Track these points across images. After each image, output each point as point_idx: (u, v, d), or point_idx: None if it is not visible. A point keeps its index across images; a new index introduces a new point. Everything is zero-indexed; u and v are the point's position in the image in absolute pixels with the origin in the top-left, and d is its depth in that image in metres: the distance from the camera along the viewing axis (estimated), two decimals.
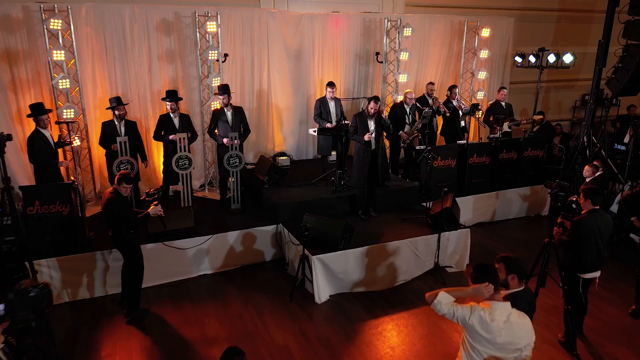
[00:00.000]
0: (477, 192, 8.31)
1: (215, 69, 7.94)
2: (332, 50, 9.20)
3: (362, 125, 6.78)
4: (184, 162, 6.95)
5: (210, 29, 7.39)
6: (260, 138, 9.14)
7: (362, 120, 6.79)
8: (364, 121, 6.77)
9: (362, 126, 6.77)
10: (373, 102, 6.69)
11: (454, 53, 10.19)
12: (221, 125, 7.26)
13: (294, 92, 9.18)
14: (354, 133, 6.85)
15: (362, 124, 6.78)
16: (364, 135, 6.66)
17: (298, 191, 7.48)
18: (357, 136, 6.79)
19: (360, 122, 6.79)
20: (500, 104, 9.43)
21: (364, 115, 6.80)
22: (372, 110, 6.69)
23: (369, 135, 6.65)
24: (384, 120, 6.76)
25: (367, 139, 6.66)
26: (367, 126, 6.76)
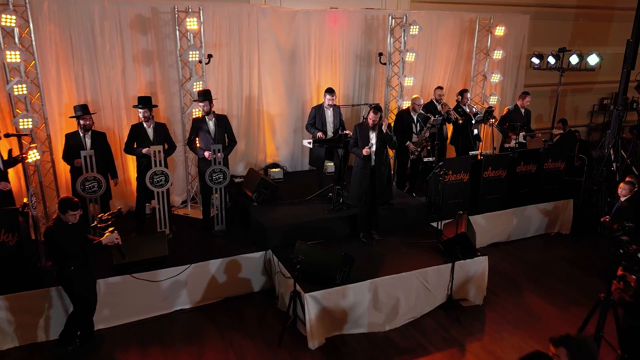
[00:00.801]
0: (492, 209, 7.51)
1: (197, 71, 7.12)
2: (330, 50, 8.39)
3: (362, 137, 5.97)
4: (160, 179, 6.14)
5: (191, 27, 6.57)
6: (250, 148, 8.33)
7: (362, 131, 5.98)
8: (364, 133, 5.96)
9: (362, 138, 5.97)
10: (372, 113, 5.88)
11: (464, 54, 9.38)
12: (202, 136, 6.44)
13: (288, 97, 8.37)
14: (354, 146, 6.05)
15: (362, 135, 5.97)
16: (363, 150, 5.86)
17: (291, 210, 6.66)
18: (357, 149, 5.98)
19: (360, 134, 5.99)
20: (520, 110, 8.61)
21: (365, 126, 5.99)
22: (371, 121, 5.87)
23: (367, 149, 5.84)
24: (385, 135, 5.93)
25: (365, 153, 5.86)
26: (368, 138, 5.95)
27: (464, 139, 8.34)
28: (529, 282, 6.54)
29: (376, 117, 5.87)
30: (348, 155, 6.66)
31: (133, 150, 6.21)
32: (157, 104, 6.68)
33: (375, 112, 5.91)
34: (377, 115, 5.89)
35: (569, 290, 6.33)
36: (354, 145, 6.06)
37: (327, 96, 7.04)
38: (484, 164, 7.32)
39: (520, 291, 6.27)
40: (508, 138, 8.54)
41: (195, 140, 6.54)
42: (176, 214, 7.36)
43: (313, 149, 6.96)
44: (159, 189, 6.17)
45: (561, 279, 6.68)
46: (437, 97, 8.17)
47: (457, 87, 9.48)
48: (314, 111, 7.15)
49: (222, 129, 6.51)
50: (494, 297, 6.09)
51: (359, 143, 6.00)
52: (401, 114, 7.81)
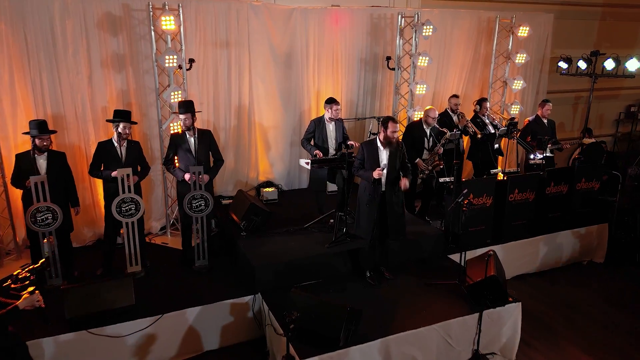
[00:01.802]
0: (518, 236, 6.61)
1: (177, 79, 6.21)
2: (331, 53, 7.49)
3: (370, 157, 5.06)
4: (129, 207, 5.22)
5: (167, 27, 5.65)
6: (240, 165, 7.41)
7: (371, 150, 5.07)
8: (373, 152, 5.05)
9: (370, 159, 5.05)
10: (392, 123, 5.01)
11: (482, 57, 8.48)
12: (182, 155, 5.53)
13: (283, 107, 7.46)
14: (360, 168, 5.14)
15: (370, 156, 5.06)
16: (373, 172, 4.94)
17: (285, 242, 5.74)
18: (364, 172, 5.07)
19: (368, 154, 5.07)
20: (542, 120, 7.70)
21: (375, 145, 5.07)
22: (390, 133, 4.98)
23: (379, 171, 4.93)
24: (402, 152, 5.04)
25: (377, 176, 4.95)
26: (377, 159, 5.04)
27: (483, 154, 7.43)
28: (566, 327, 5.63)
29: (395, 129, 4.99)
30: (352, 177, 5.75)
31: (100, 172, 5.29)
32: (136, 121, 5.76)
33: (395, 122, 5.05)
34: (396, 125, 5.01)
35: (613, 340, 5.42)
36: (360, 167, 5.15)
37: (328, 107, 6.11)
38: (510, 186, 6.41)
39: (557, 341, 5.35)
40: (533, 153, 7.62)
41: (174, 160, 5.62)
42: (153, 243, 6.44)
43: (312, 170, 6.04)
44: (128, 220, 5.25)
45: (601, 322, 5.80)
46: (452, 107, 7.26)
47: (473, 94, 8.58)
48: (312, 125, 6.24)
49: (206, 146, 5.60)
50: (528, 350, 5.17)
51: (366, 165, 5.09)
52: (412, 127, 6.89)
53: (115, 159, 5.23)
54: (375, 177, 4.96)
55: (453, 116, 7.27)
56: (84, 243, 6.28)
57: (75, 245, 6.09)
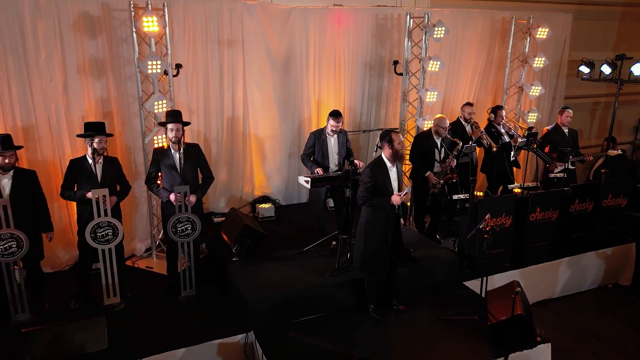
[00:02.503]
0: (540, 259, 6.07)
1: (164, 86, 5.65)
2: (332, 57, 6.93)
3: (381, 180, 4.46)
4: (105, 233, 4.66)
5: (150, 28, 5.09)
6: (233, 178, 6.85)
7: (380, 172, 4.47)
8: (383, 174, 4.46)
9: (381, 182, 4.46)
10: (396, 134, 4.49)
11: (495, 61, 7.92)
12: (166, 172, 4.97)
13: (281, 115, 6.90)
14: (368, 194, 4.46)
15: (381, 178, 4.45)
16: (392, 197, 4.36)
17: (282, 269, 5.18)
18: (378, 199, 4.44)
19: (378, 177, 4.45)
20: (562, 129, 7.14)
21: (383, 165, 4.49)
22: (400, 145, 4.44)
23: (400, 197, 4.36)
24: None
25: (399, 201, 4.37)
26: (388, 180, 4.46)
27: (498, 166, 6.87)
28: None
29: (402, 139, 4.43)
30: None
31: (73, 193, 4.72)
32: (112, 133, 5.21)
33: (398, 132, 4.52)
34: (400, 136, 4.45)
35: None
36: (368, 194, 4.47)
37: (330, 121, 5.55)
38: (531, 204, 5.84)
39: None
40: (552, 165, 7.07)
41: (157, 178, 5.06)
42: (136, 267, 5.88)
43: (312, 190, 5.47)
44: (105, 246, 4.69)
45: (632, 354, 5.25)
46: (466, 116, 6.69)
47: (486, 101, 8.02)
48: (312, 138, 5.68)
49: (193, 162, 5.04)
50: None
51: (379, 189, 4.47)
52: (421, 138, 6.32)
53: (90, 178, 4.66)
54: (396, 203, 4.38)
55: (466, 126, 6.71)
56: (59, 267, 5.71)
57: (49, 270, 5.58)
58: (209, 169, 5.21)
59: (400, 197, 4.38)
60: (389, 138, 4.43)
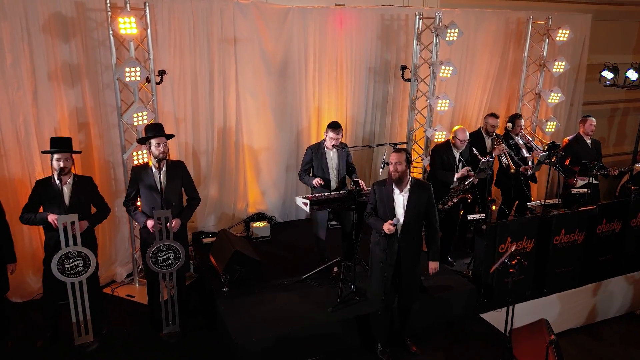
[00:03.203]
0: (564, 286, 5.56)
1: (146, 95, 5.11)
2: (334, 61, 6.39)
3: (383, 203, 3.95)
4: (75, 264, 4.11)
5: (127, 31, 4.53)
6: (225, 195, 6.30)
7: (383, 194, 3.95)
8: (386, 196, 3.93)
9: (383, 205, 3.95)
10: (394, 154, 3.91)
11: (510, 65, 7.38)
12: (145, 194, 4.42)
13: (278, 125, 6.36)
14: (372, 214, 4.04)
15: (383, 200, 3.94)
16: (384, 224, 3.84)
17: (278, 302, 4.64)
18: (374, 221, 4.02)
19: (380, 198, 3.95)
20: (584, 140, 6.59)
21: (388, 186, 3.95)
22: (398, 167, 3.87)
23: (390, 226, 3.82)
24: (428, 193, 3.95)
25: (388, 231, 3.84)
26: (391, 205, 3.92)
27: (514, 181, 6.30)
28: None
29: (402, 160, 3.87)
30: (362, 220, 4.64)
31: (33, 216, 4.17)
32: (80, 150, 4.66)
33: (395, 152, 3.94)
34: (401, 156, 3.89)
35: None
36: (372, 214, 4.03)
37: (329, 133, 5.00)
38: (556, 226, 5.29)
39: None
40: (572, 179, 6.53)
41: (136, 200, 4.51)
42: (116, 295, 5.32)
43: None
44: (74, 279, 4.14)
45: None
46: (489, 129, 6.12)
47: (500, 108, 7.47)
48: (310, 153, 5.13)
49: (177, 182, 4.49)
50: None
51: (379, 211, 3.97)
52: (439, 150, 5.75)
53: (57, 201, 4.11)
54: (387, 231, 3.85)
55: (487, 139, 6.15)
56: (30, 297, 5.15)
57: (18, 300, 5.05)
58: (195, 189, 4.66)
59: (388, 226, 3.84)
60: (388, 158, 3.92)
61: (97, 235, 5.38)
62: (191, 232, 6.20)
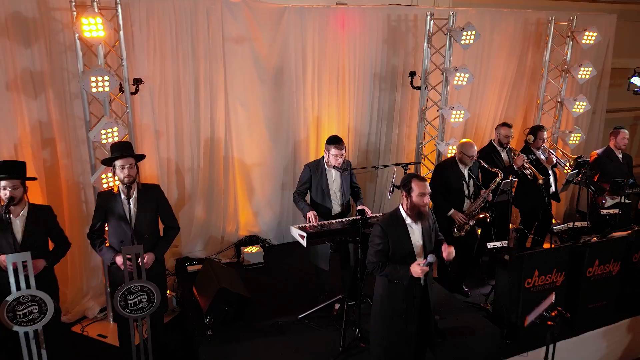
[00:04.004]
0: (597, 323, 4.90)
1: (120, 107, 4.49)
2: (335, 67, 5.79)
3: (398, 242, 3.29)
4: (29, 310, 3.48)
5: (93, 34, 3.91)
6: (213, 216, 5.69)
7: (396, 231, 3.29)
8: (400, 233, 3.29)
9: (398, 245, 3.29)
10: (417, 182, 3.26)
11: (528, 70, 6.77)
12: (114, 224, 3.80)
13: (272, 138, 5.76)
14: (383, 263, 3.30)
15: (397, 239, 3.29)
16: (411, 267, 3.18)
17: (269, 351, 4.01)
18: (393, 270, 3.27)
19: (394, 237, 3.28)
20: (615, 155, 5.96)
21: (400, 220, 3.30)
22: (421, 199, 3.22)
23: (423, 267, 3.16)
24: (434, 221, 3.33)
25: (421, 273, 3.18)
26: (408, 243, 3.28)
27: (535, 200, 5.67)
28: None
29: (425, 190, 3.24)
30: None
31: None
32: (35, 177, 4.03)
33: (421, 180, 3.28)
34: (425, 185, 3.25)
35: None
36: (385, 263, 3.29)
37: (331, 149, 4.36)
38: (589, 257, 4.66)
39: None
40: (601, 197, 5.89)
41: (103, 231, 3.89)
42: (85, 335, 4.70)
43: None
44: (28, 328, 3.51)
45: None
46: (501, 139, 5.51)
47: (515, 118, 6.88)
48: (307, 172, 4.49)
49: (151, 210, 3.87)
50: None
51: (396, 256, 3.29)
52: (443, 168, 5.17)
53: (6, 237, 3.48)
54: (416, 275, 3.19)
55: (502, 152, 5.53)
56: None
57: None
58: (174, 217, 4.04)
59: (422, 267, 3.18)
60: (407, 185, 3.26)
61: (66, 265, 4.81)
62: (175, 257, 5.59)
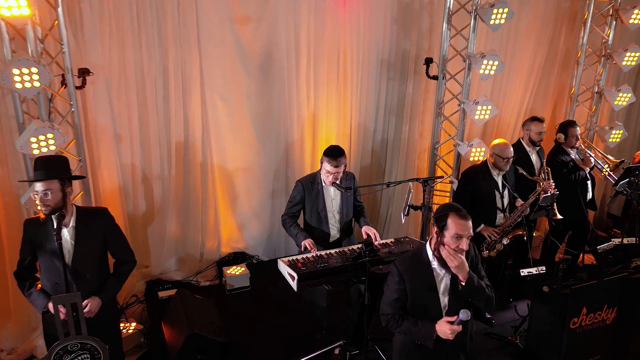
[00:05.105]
0: None
1: (64, 106, 3.62)
2: (335, 53, 4.91)
3: (420, 293, 2.46)
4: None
5: (12, 11, 3.01)
6: (190, 231, 4.86)
7: (419, 278, 2.46)
8: (424, 281, 2.45)
9: (420, 297, 2.45)
10: (456, 218, 2.38)
11: (560, 55, 5.85)
12: (45, 261, 2.97)
13: (259, 139, 4.90)
14: (400, 314, 2.51)
15: (420, 289, 2.45)
16: (437, 324, 2.36)
17: None
18: (412, 327, 2.48)
19: (415, 284, 2.46)
20: None
21: (424, 264, 2.46)
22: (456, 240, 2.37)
23: (453, 326, 2.33)
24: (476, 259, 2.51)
25: (448, 335, 2.35)
26: (434, 295, 2.44)
27: (571, 210, 4.81)
28: None
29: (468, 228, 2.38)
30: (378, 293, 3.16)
31: None
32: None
33: (462, 217, 2.40)
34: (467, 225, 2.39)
35: None
36: (397, 312, 2.51)
37: (325, 165, 3.47)
38: None
39: None
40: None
41: (32, 269, 3.04)
42: None
43: None
44: None
45: None
46: (533, 137, 4.64)
47: (543, 111, 6.00)
48: (300, 189, 3.62)
49: (94, 242, 3.02)
50: None
51: (415, 306, 2.46)
52: (472, 175, 4.33)
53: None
54: (445, 336, 2.36)
55: (531, 153, 4.66)
56: None
57: None
58: (127, 249, 3.19)
59: (450, 327, 2.35)
60: (442, 221, 2.40)
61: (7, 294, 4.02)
62: (145, 280, 4.76)
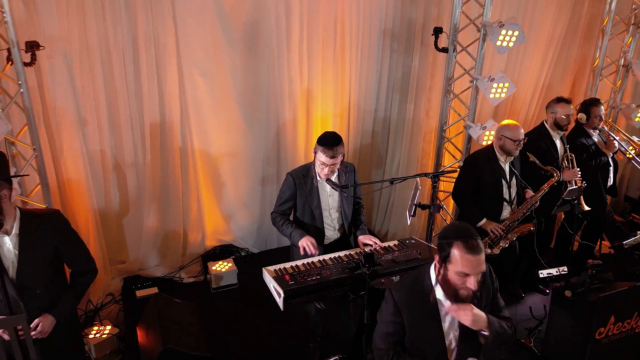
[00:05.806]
0: None
1: (8, 86, 3.11)
2: (331, 23, 4.37)
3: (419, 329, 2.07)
4: None
5: None
6: (170, 223, 4.41)
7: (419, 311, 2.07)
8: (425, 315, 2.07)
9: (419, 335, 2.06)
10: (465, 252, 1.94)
11: (582, 24, 5.29)
12: None
13: (247, 120, 4.41)
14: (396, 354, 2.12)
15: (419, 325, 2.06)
16: None
17: None
18: None
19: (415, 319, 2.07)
20: None
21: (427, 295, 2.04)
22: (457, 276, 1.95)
23: None
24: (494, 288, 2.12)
25: None
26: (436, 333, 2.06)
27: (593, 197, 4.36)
28: None
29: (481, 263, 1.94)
30: None
31: None
32: None
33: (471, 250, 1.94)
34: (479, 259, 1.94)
35: None
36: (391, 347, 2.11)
37: (320, 155, 2.97)
38: None
39: None
40: None
41: None
42: None
43: None
44: None
45: None
46: (558, 120, 4.13)
47: (561, 88, 5.48)
48: (291, 183, 3.12)
49: (43, 250, 2.55)
50: None
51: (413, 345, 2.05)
52: (477, 159, 3.87)
53: None
54: None
55: (556, 138, 4.17)
56: None
57: None
58: (86, 257, 2.73)
59: None
60: (444, 251, 1.95)
61: None
62: (122, 277, 4.34)
